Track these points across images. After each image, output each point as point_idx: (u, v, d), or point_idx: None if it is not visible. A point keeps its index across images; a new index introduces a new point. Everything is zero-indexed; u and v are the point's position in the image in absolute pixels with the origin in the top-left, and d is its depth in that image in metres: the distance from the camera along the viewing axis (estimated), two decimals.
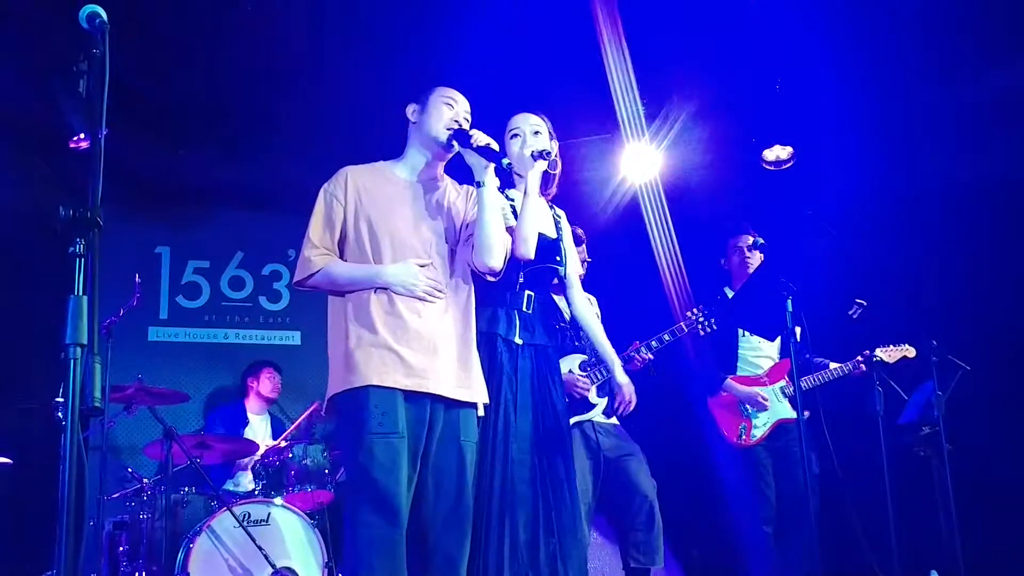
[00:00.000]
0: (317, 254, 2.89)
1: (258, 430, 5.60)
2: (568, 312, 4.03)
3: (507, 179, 3.31)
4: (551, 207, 3.58)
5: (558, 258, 3.47)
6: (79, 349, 1.73)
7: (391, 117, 3.24)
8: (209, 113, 5.33)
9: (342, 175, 2.99)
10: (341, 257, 2.93)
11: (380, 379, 2.74)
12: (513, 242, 3.10)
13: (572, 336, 4.18)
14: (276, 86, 5.13)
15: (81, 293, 1.76)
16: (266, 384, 5.77)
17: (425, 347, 2.83)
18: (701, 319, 4.29)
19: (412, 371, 2.78)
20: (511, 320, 3.25)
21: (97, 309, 1.77)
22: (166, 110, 5.20)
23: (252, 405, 5.74)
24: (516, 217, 3.25)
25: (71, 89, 1.94)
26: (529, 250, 3.14)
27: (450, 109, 3.01)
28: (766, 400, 4.72)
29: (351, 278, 2.87)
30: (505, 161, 2.99)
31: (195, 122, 5.41)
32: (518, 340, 3.24)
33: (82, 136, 4.76)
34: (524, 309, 3.30)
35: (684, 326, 4.27)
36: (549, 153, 3.25)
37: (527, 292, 3.31)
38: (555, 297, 4.13)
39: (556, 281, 3.58)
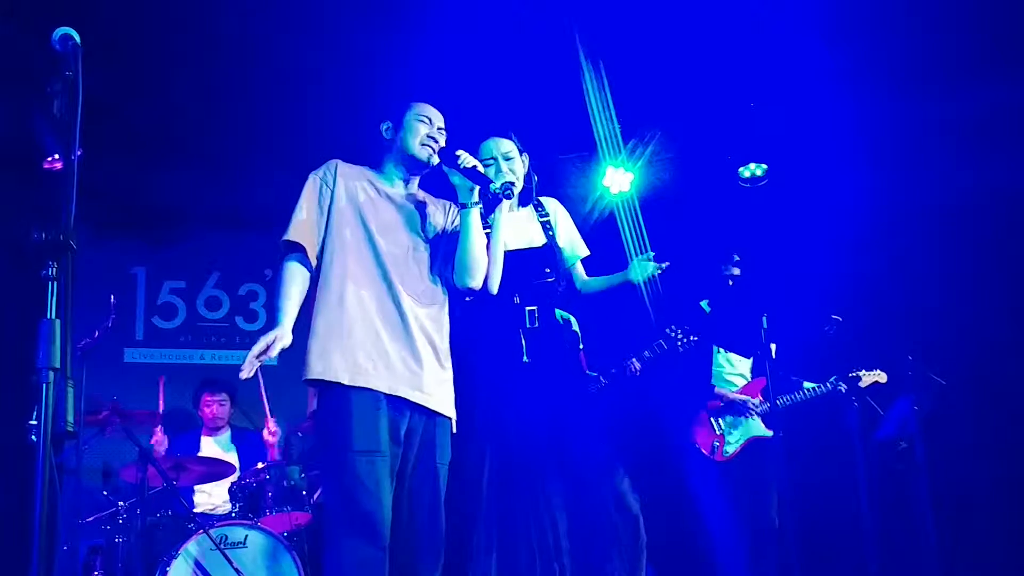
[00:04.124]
0: (297, 225, 2.86)
1: (213, 454, 5.35)
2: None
3: (491, 203, 3.25)
4: (537, 208, 3.51)
5: (548, 270, 3.39)
6: (52, 373, 1.72)
7: (368, 137, 3.23)
8: (185, 133, 5.32)
9: (332, 166, 3.01)
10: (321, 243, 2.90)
11: (365, 380, 2.72)
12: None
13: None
14: (251, 106, 5.12)
15: (54, 316, 1.75)
16: (205, 411, 5.57)
17: (405, 353, 2.81)
18: (680, 335, 4.29)
19: (394, 376, 2.77)
20: (515, 340, 3.20)
21: (71, 332, 1.76)
22: (142, 130, 5.17)
23: (205, 430, 5.58)
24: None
25: (45, 110, 1.94)
26: (493, 287, 3.01)
27: (425, 126, 3.02)
28: (754, 408, 4.73)
29: (280, 292, 2.82)
30: (493, 186, 2.95)
31: (171, 142, 5.39)
32: (525, 359, 3.18)
33: (56, 157, 4.71)
34: (528, 326, 3.24)
35: (664, 343, 4.28)
36: (511, 185, 3.06)
37: (528, 308, 3.26)
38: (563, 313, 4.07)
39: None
